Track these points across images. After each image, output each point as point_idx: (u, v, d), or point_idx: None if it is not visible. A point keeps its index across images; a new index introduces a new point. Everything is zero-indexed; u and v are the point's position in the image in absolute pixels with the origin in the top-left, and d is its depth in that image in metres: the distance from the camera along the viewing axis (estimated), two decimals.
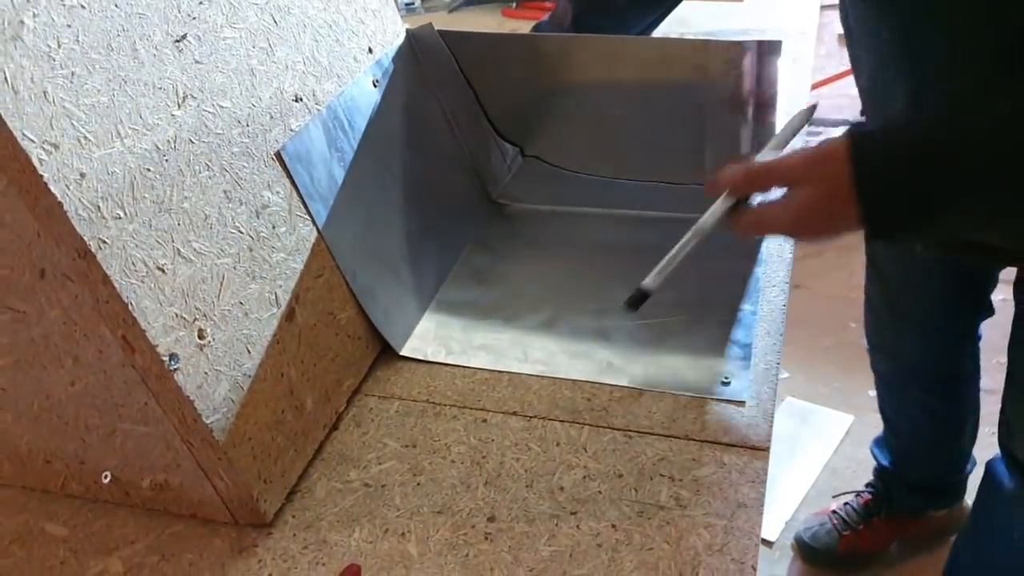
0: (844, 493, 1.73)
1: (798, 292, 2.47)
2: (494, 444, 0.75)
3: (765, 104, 0.91)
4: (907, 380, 1.46)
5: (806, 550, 1.69)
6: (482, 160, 1.08)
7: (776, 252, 0.95)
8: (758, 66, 0.88)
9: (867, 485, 1.69)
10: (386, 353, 0.86)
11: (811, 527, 1.71)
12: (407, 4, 1.58)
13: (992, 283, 1.26)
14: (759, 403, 0.77)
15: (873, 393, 1.88)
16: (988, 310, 1.30)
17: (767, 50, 0.87)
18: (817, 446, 1.98)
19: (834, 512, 1.70)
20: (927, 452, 1.53)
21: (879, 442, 1.63)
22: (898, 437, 1.57)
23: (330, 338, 0.78)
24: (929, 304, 1.30)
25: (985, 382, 1.43)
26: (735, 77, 0.90)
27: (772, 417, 0.75)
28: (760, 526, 0.66)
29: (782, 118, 1.17)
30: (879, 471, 1.65)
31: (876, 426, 1.58)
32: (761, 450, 0.72)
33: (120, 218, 0.58)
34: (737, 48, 0.88)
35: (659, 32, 1.29)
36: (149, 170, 0.61)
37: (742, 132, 0.94)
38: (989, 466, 1.26)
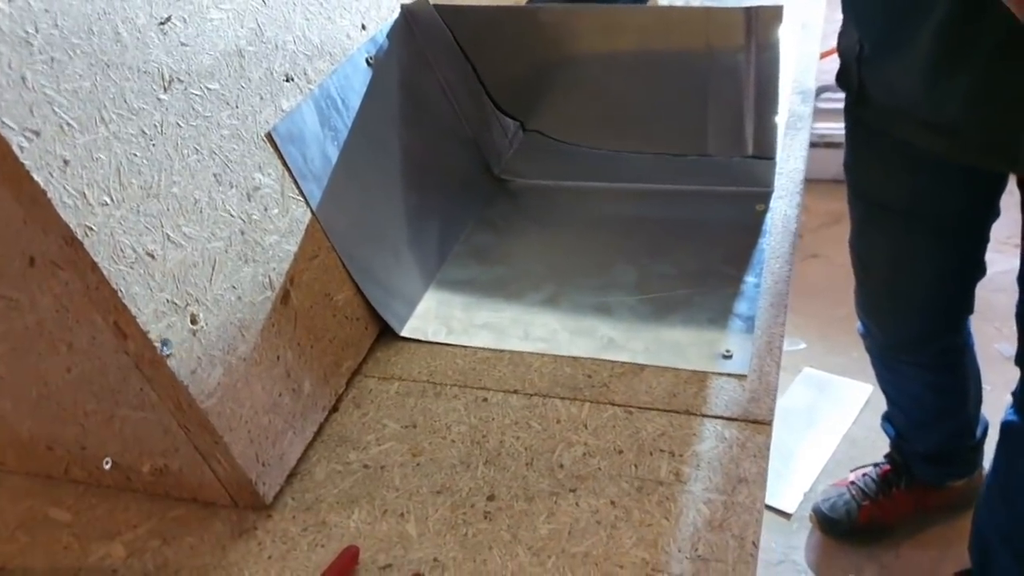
0: (862, 466, 1.72)
1: (815, 262, 2.45)
2: (494, 423, 0.75)
3: (766, 69, 0.89)
4: (904, 358, 1.45)
5: (825, 521, 1.69)
6: (483, 136, 1.07)
7: (781, 224, 0.93)
8: (760, 33, 0.86)
9: (885, 456, 1.68)
10: (386, 334, 0.85)
11: (830, 498, 1.70)
12: None
13: (986, 241, 1.24)
14: (761, 377, 0.76)
15: None
16: (982, 270, 1.28)
17: (769, 16, 0.85)
18: (835, 417, 1.97)
19: (852, 483, 1.69)
20: (934, 424, 1.52)
21: (886, 417, 1.62)
22: (903, 412, 1.56)
23: (327, 320, 0.78)
24: (927, 279, 1.28)
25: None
26: (736, 44, 0.88)
27: (775, 391, 0.74)
28: (762, 501, 0.65)
29: (788, 84, 1.16)
30: (895, 443, 1.64)
31: None
32: (763, 424, 0.72)
33: (107, 204, 0.58)
34: (738, 15, 0.86)
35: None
36: (136, 155, 0.61)
37: (745, 101, 0.92)
38: (1006, 424, 1.25)
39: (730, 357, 0.78)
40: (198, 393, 0.63)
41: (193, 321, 0.64)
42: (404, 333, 0.86)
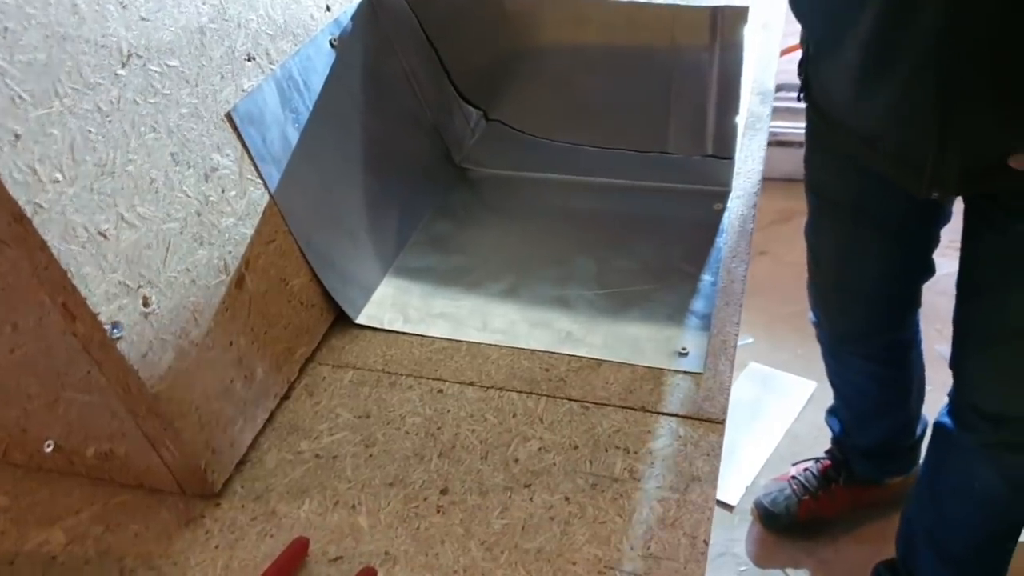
0: (804, 460, 1.75)
1: (763, 259, 2.48)
2: (450, 415, 0.74)
3: (730, 70, 0.89)
4: (852, 349, 1.47)
5: (765, 515, 1.72)
6: (445, 123, 1.06)
7: (738, 224, 0.94)
8: (725, 33, 0.86)
9: (826, 452, 1.71)
10: (341, 321, 0.84)
11: (771, 492, 1.73)
12: None
13: (935, 242, 1.25)
14: (716, 375, 0.76)
15: None
16: (929, 270, 1.30)
17: (734, 16, 0.85)
18: (779, 412, 2.00)
19: (793, 478, 1.72)
20: (875, 418, 1.56)
21: (831, 411, 1.65)
22: (847, 405, 1.59)
23: (282, 305, 0.76)
24: (874, 275, 1.30)
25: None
26: (701, 43, 0.88)
27: (728, 390, 0.75)
28: (714, 500, 0.66)
29: (748, 84, 1.16)
30: (836, 439, 1.67)
31: None
32: (717, 423, 0.72)
33: (59, 182, 0.56)
34: (704, 14, 0.86)
35: None
36: (91, 132, 0.59)
37: (707, 100, 0.93)
38: (938, 425, 1.28)
39: (686, 355, 0.79)
40: (148, 377, 0.62)
41: (145, 304, 0.62)
42: (360, 321, 0.84)
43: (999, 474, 1.21)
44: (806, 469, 1.72)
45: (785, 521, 1.70)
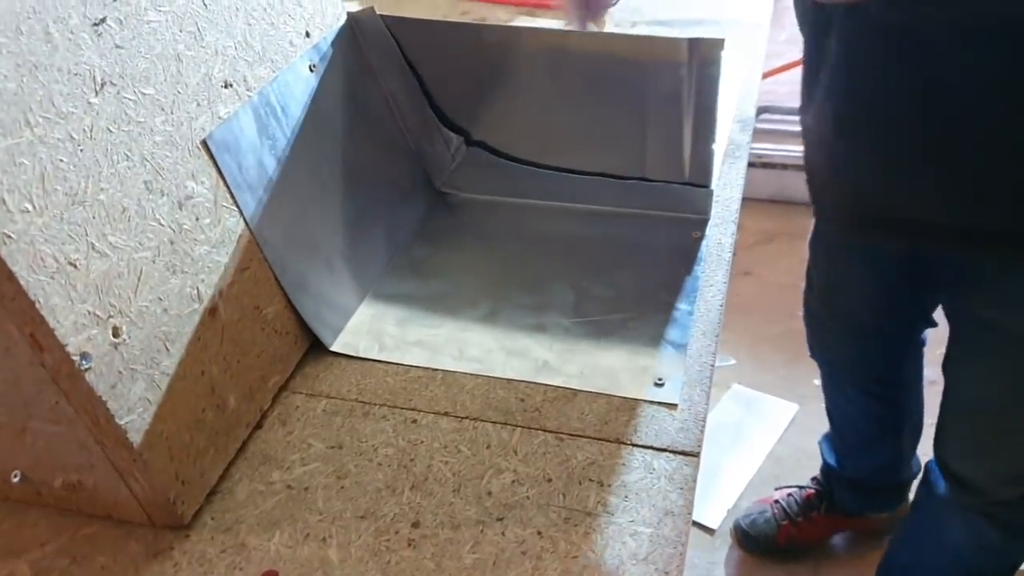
0: (789, 486, 1.75)
1: (747, 279, 2.48)
2: (423, 446, 0.74)
3: (705, 100, 0.90)
4: (844, 378, 1.47)
5: (744, 537, 1.72)
6: (425, 148, 1.06)
7: (715, 252, 0.94)
8: (700, 63, 0.87)
9: (812, 479, 1.71)
10: (316, 348, 0.84)
11: (751, 515, 1.73)
12: None
13: (932, 299, 1.24)
14: (691, 406, 0.76)
15: (818, 382, 1.90)
16: (928, 322, 1.30)
17: (710, 48, 0.86)
18: (761, 434, 2.00)
19: (776, 502, 1.72)
20: (863, 450, 1.55)
21: (826, 438, 1.65)
22: (838, 433, 1.59)
23: (255, 333, 0.76)
24: (859, 308, 1.30)
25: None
26: (677, 74, 0.89)
27: (704, 422, 0.75)
28: (687, 535, 0.66)
29: (729, 112, 1.17)
30: (824, 468, 1.67)
31: (821, 415, 1.60)
32: (691, 455, 0.72)
33: (28, 212, 0.56)
34: (680, 45, 0.87)
35: (612, 18, 1.27)
36: (62, 161, 0.58)
37: (683, 130, 0.93)
38: (928, 467, 1.28)
39: (662, 385, 0.79)
40: (117, 409, 0.61)
41: (115, 334, 0.62)
42: (335, 348, 0.84)
43: (968, 531, 1.22)
44: (790, 494, 1.72)
45: (763, 545, 1.70)
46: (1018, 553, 1.25)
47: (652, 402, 0.77)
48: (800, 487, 1.72)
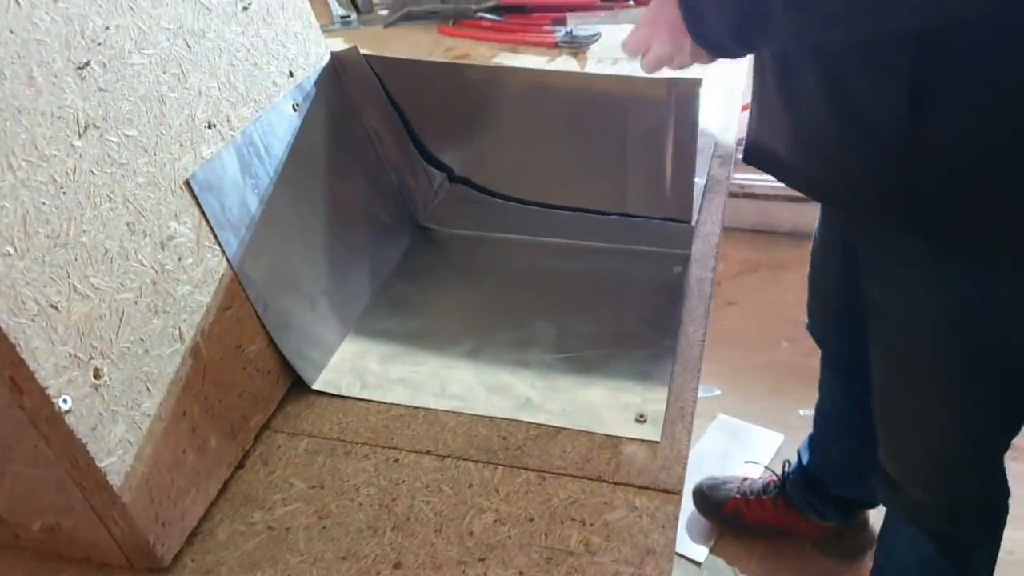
0: (769, 468, 1.82)
1: (731, 309, 2.49)
2: (405, 486, 0.74)
3: (685, 138, 0.91)
4: (826, 359, 1.51)
5: (700, 497, 1.81)
6: (409, 184, 1.06)
7: (696, 287, 0.95)
8: (678, 102, 0.88)
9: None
10: (298, 386, 0.84)
11: (718, 481, 1.81)
12: (343, 18, 1.56)
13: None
14: (673, 443, 0.77)
15: (803, 412, 1.92)
16: None
17: (688, 88, 0.87)
18: (747, 464, 2.00)
19: (745, 479, 1.80)
20: (830, 441, 1.59)
21: (809, 437, 1.69)
22: (815, 419, 1.62)
23: (237, 373, 0.76)
24: (827, 286, 1.34)
25: None
26: (657, 112, 0.90)
27: (686, 459, 0.75)
28: (670, 574, 0.66)
29: (707, 148, 1.18)
30: (796, 462, 1.72)
31: None
32: (673, 493, 0.72)
33: (10, 255, 0.56)
34: (659, 85, 0.88)
35: (595, 55, 1.29)
36: (44, 203, 0.59)
37: (664, 165, 0.94)
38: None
39: (644, 422, 0.79)
40: (97, 451, 0.61)
41: (96, 376, 0.61)
42: (317, 386, 0.84)
43: (909, 543, 1.25)
44: (760, 477, 1.80)
45: (711, 507, 1.79)
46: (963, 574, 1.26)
47: (634, 439, 0.77)
48: (772, 471, 1.79)
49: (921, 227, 0.89)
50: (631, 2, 1.43)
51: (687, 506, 1.81)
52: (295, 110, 0.88)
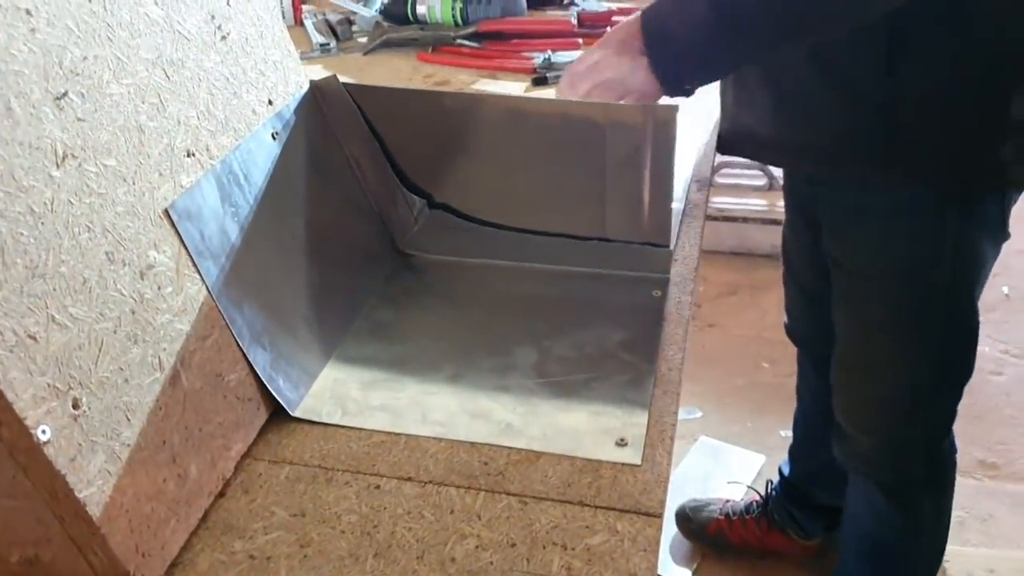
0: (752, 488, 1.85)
1: (712, 331, 2.51)
2: (386, 512, 0.73)
3: (662, 163, 0.92)
4: (802, 353, 1.56)
5: (683, 518, 1.83)
6: (388, 210, 1.07)
7: (675, 311, 0.96)
8: (656, 128, 0.89)
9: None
10: (279, 414, 0.83)
11: (701, 503, 1.84)
12: (322, 45, 1.57)
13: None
14: (653, 466, 0.77)
15: (784, 433, 1.93)
16: None
17: (665, 115, 0.88)
18: (729, 486, 2.01)
19: (728, 501, 1.84)
20: (809, 444, 1.64)
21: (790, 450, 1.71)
22: (794, 424, 1.67)
23: (217, 401, 0.76)
24: (800, 264, 1.40)
25: None
26: (634, 138, 0.91)
27: (667, 482, 0.76)
28: None
29: (685, 172, 1.20)
30: (778, 479, 1.75)
31: None
32: (654, 516, 0.72)
33: None
34: (636, 112, 0.89)
35: None
36: (23, 234, 0.59)
37: (643, 190, 0.95)
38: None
39: (624, 445, 0.79)
40: (76, 482, 0.60)
41: (75, 406, 0.61)
42: (297, 414, 0.84)
43: (863, 495, 1.33)
44: (742, 498, 1.84)
45: (695, 529, 1.81)
46: (916, 529, 1.30)
47: (615, 463, 0.77)
48: (755, 491, 1.83)
49: (901, 164, 1.02)
50: (608, 31, 1.45)
51: (670, 529, 1.82)
52: (274, 138, 0.88)
